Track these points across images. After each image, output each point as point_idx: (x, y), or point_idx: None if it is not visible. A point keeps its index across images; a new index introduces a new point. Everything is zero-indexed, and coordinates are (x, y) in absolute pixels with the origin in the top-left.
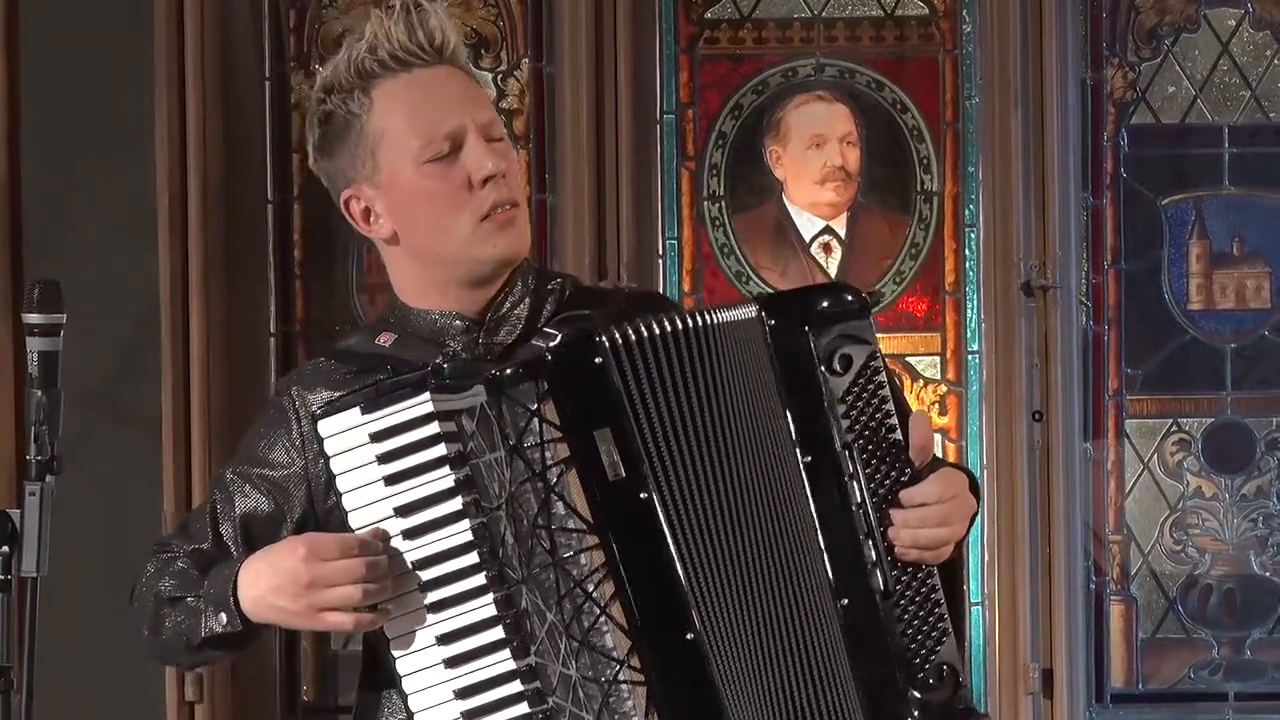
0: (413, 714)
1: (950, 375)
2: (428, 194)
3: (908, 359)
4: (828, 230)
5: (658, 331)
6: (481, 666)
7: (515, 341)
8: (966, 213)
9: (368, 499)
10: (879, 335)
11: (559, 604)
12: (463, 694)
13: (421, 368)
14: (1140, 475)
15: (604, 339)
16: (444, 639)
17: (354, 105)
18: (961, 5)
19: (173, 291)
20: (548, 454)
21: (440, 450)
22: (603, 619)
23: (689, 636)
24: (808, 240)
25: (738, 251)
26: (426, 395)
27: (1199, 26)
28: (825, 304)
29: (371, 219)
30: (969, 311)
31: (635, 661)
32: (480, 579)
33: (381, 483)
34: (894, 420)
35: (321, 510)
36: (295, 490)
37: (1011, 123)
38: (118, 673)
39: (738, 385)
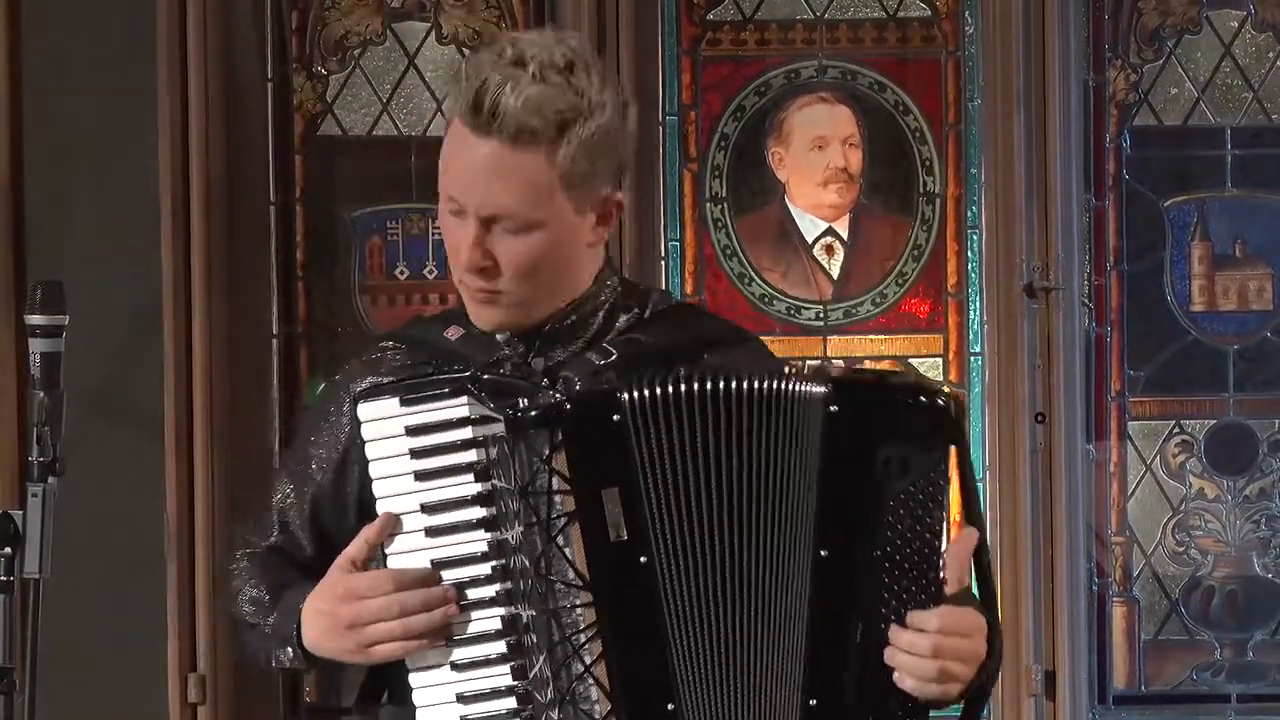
0: (417, 708)
1: (952, 377)
2: (444, 229)
3: (910, 361)
4: (830, 232)
5: (685, 390)
6: (485, 676)
7: (569, 356)
8: (969, 214)
9: (396, 490)
10: (882, 338)
11: (550, 651)
12: (465, 700)
13: (466, 370)
14: (1143, 477)
15: (625, 396)
16: (456, 642)
17: (459, 88)
18: (964, 7)
19: (175, 293)
20: (555, 504)
21: (470, 456)
22: (587, 676)
23: (669, 707)
24: (810, 242)
25: (740, 253)
26: (464, 400)
27: (1201, 28)
28: (895, 400)
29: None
30: (971, 313)
31: None
32: (491, 591)
33: (411, 477)
34: (936, 539)
35: (370, 496)
36: (351, 471)
37: (1014, 124)
38: (120, 674)
39: (772, 458)
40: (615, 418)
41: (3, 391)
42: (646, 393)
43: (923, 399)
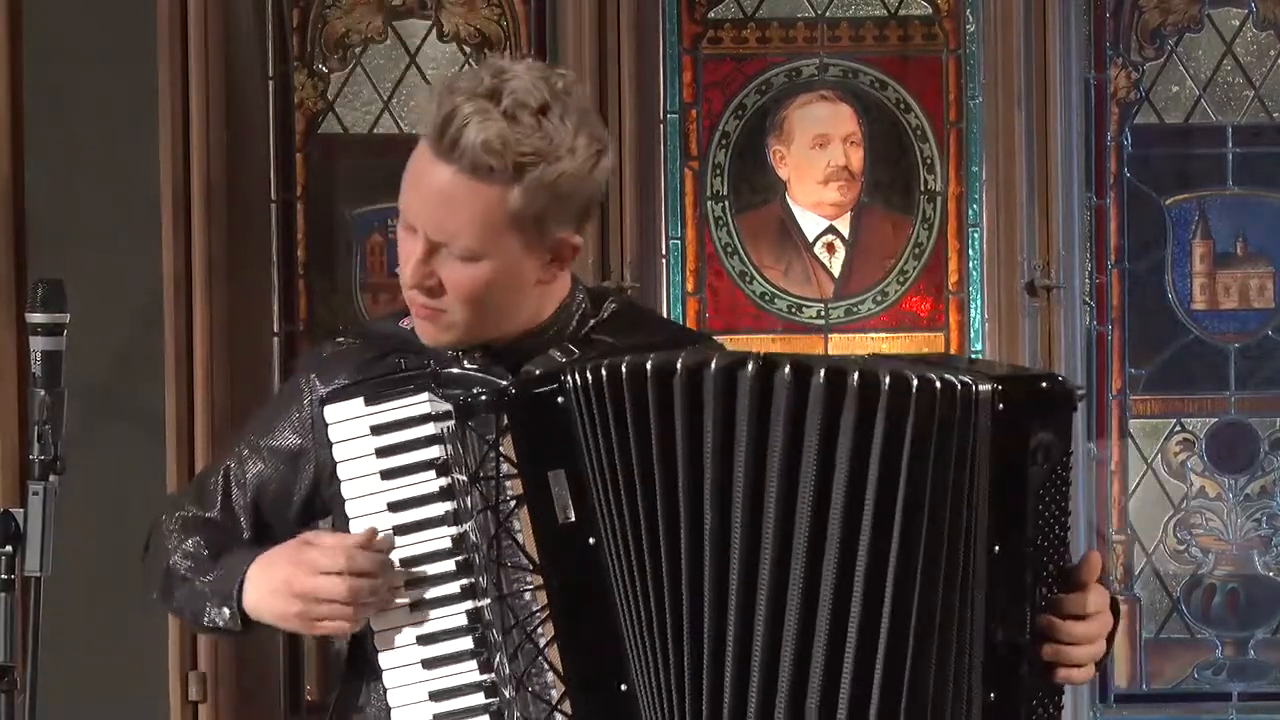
0: (390, 708)
1: None
2: (399, 243)
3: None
4: (831, 230)
5: (631, 370)
6: (455, 672)
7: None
8: (970, 213)
9: (364, 490)
10: (883, 336)
11: (505, 636)
12: (436, 697)
13: (426, 365)
14: (1144, 475)
15: (570, 378)
16: (424, 639)
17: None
18: (965, 5)
19: (176, 291)
20: (504, 488)
21: (434, 452)
22: (541, 659)
23: (622, 688)
24: (811, 240)
25: (741, 251)
26: (426, 396)
27: (1202, 26)
28: (1046, 389)
29: None
30: (972, 312)
31: (567, 707)
32: (456, 587)
33: (378, 476)
34: (1069, 521)
35: (327, 494)
36: (304, 469)
37: (1015, 122)
38: (121, 672)
39: (785, 442)
40: (559, 400)
41: (4, 390)
42: (589, 376)
43: (1061, 383)
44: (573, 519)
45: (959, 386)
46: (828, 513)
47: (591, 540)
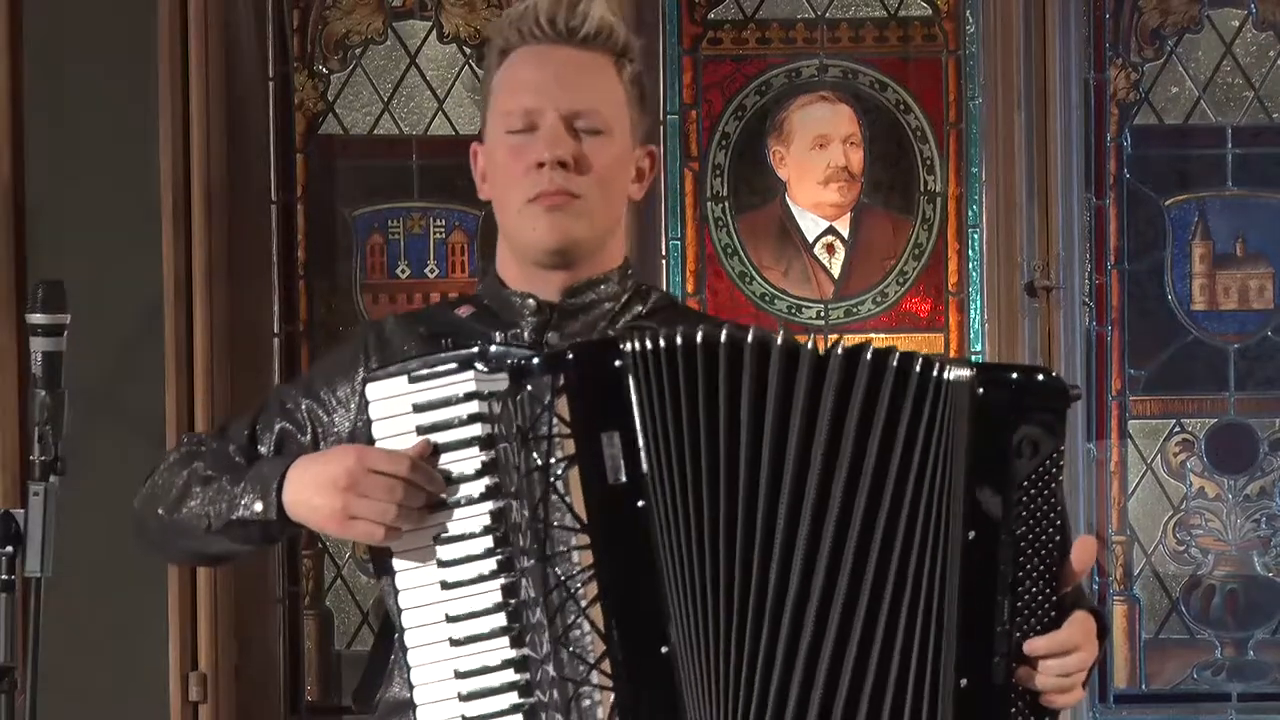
0: (414, 686)
1: None
2: (501, 164)
3: None
4: (831, 231)
5: (683, 343)
6: (482, 650)
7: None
8: (970, 213)
9: None
10: (882, 337)
11: (545, 598)
12: (462, 675)
13: (472, 346)
14: (1143, 476)
15: (627, 345)
16: (453, 618)
17: (491, 60)
18: (965, 6)
19: (176, 291)
20: (555, 449)
21: (475, 430)
22: (581, 619)
23: (663, 650)
24: (811, 241)
25: (741, 252)
26: (470, 374)
27: (1202, 27)
28: (1034, 383)
29: (482, 179)
30: (972, 312)
31: (607, 666)
32: (492, 563)
33: None
34: (1060, 520)
35: None
36: (341, 432)
37: (1015, 123)
38: (121, 672)
39: (826, 418)
40: (616, 364)
41: (4, 390)
42: (643, 344)
43: (1052, 379)
44: (624, 481)
45: (936, 368)
46: (830, 487)
47: (641, 503)
